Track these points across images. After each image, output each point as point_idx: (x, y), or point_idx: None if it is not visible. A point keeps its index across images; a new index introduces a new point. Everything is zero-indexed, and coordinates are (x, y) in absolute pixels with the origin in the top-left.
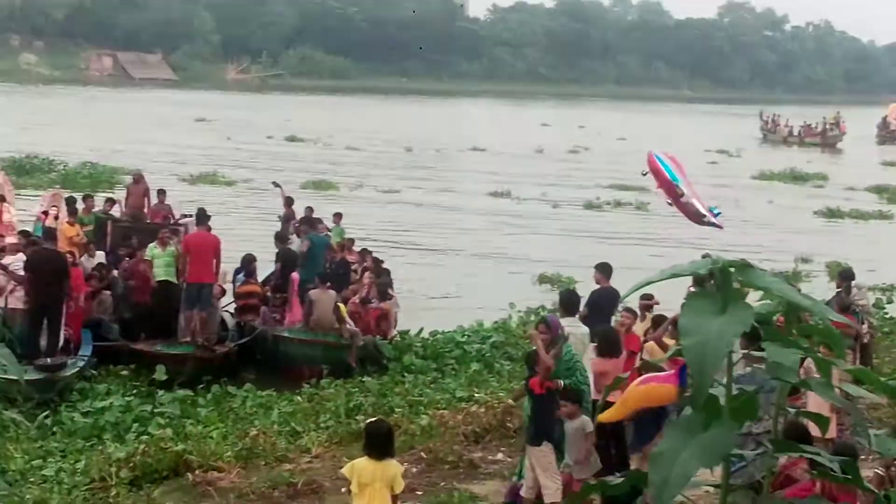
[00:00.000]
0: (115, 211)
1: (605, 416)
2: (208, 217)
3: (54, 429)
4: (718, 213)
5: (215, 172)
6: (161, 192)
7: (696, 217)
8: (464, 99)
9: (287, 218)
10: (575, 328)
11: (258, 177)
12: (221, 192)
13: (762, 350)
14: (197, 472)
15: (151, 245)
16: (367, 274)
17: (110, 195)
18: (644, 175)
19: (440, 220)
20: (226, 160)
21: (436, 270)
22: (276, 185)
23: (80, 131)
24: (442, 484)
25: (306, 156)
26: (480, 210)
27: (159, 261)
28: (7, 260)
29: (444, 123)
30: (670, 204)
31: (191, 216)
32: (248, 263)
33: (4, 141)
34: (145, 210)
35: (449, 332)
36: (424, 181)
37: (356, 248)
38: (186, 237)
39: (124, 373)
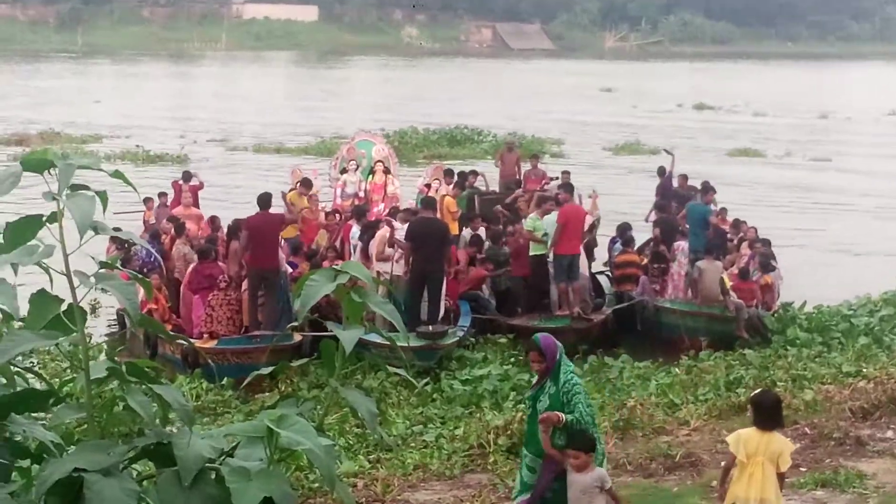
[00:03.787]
0: (480, 184)
1: None
2: (572, 188)
3: (434, 396)
4: None
5: (637, 142)
6: (534, 157)
7: None
8: (854, 62)
9: (662, 187)
10: None
11: (679, 145)
12: (643, 161)
13: None
14: None
15: (532, 216)
16: (744, 244)
17: (474, 168)
18: None
19: (860, 189)
20: (640, 129)
21: (829, 241)
22: (668, 152)
23: (487, 102)
24: (827, 461)
25: (720, 123)
26: None
27: (540, 233)
28: (396, 226)
29: (845, 88)
30: None
31: (556, 179)
32: (623, 232)
33: (415, 112)
34: (518, 178)
35: (835, 305)
36: (852, 148)
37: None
38: (563, 209)
39: (502, 341)
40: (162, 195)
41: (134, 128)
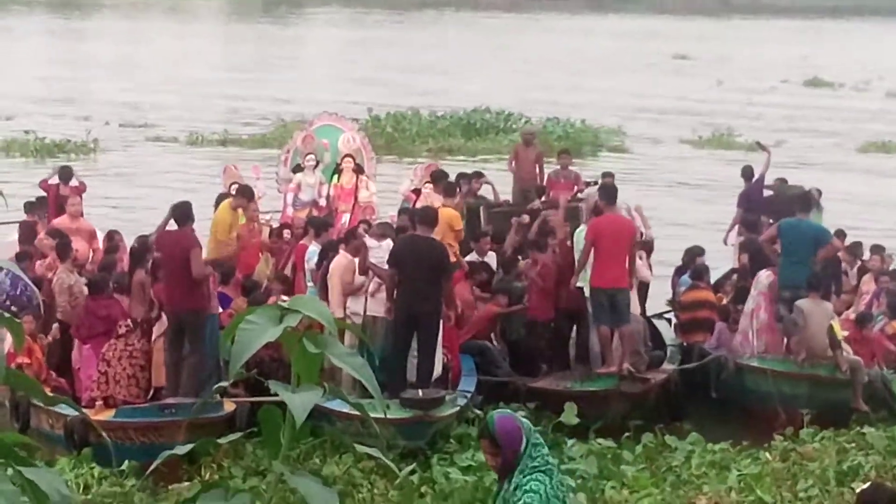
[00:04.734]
0: (486, 191)
1: None
2: (616, 191)
3: (423, 489)
4: None
5: (729, 132)
6: (563, 154)
7: None
8: None
9: (749, 195)
10: None
11: (787, 140)
12: (731, 159)
13: None
14: None
15: (580, 228)
16: (865, 278)
17: (478, 169)
18: None
19: None
20: (733, 116)
21: None
22: (762, 147)
23: (509, 76)
24: None
25: (843, 111)
26: None
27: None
28: (369, 244)
29: None
30: None
31: (595, 183)
32: (693, 259)
33: (408, 89)
34: (541, 182)
35: None
36: None
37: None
38: (595, 221)
39: (520, 413)
40: (40, 202)
41: (16, 107)
